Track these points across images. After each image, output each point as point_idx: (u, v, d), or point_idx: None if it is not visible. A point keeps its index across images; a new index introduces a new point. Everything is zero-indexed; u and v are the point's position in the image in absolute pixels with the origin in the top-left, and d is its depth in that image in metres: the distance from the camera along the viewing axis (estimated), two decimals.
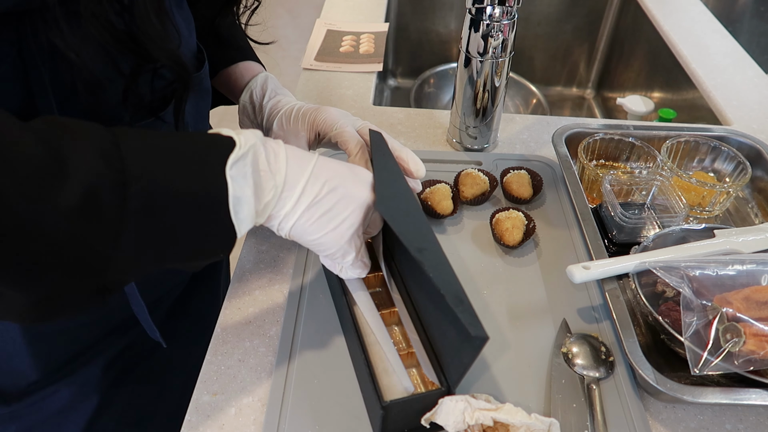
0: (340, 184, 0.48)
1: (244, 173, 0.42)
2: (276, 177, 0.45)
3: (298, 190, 0.46)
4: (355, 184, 0.49)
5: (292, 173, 0.46)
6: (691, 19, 1.21)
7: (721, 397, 0.51)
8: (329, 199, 0.47)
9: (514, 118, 0.91)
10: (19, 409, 0.61)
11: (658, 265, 0.57)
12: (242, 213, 0.43)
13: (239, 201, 0.42)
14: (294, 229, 0.47)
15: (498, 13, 0.70)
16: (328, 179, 0.47)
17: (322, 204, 0.47)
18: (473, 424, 0.46)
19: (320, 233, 0.48)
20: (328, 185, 0.47)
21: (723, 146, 0.78)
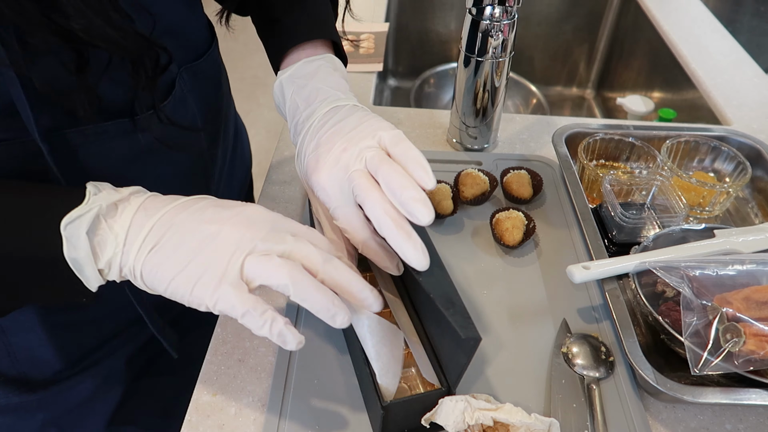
0: (198, 226, 0.42)
1: (77, 235, 0.40)
2: (118, 232, 0.41)
3: (141, 236, 0.41)
4: (224, 224, 0.42)
5: (138, 223, 0.42)
6: (691, 19, 1.21)
7: (721, 397, 0.51)
8: (178, 240, 0.41)
9: (514, 118, 0.91)
10: (45, 398, 0.62)
11: (658, 265, 0.57)
12: (85, 272, 0.41)
13: (77, 262, 0.41)
14: (145, 278, 0.42)
15: (498, 13, 0.70)
16: (183, 221, 0.42)
17: (166, 246, 0.41)
18: (473, 424, 0.47)
19: (167, 280, 0.41)
20: (180, 228, 0.42)
21: (723, 146, 0.78)
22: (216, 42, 0.64)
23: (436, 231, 0.70)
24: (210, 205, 0.43)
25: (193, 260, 0.41)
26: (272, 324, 0.41)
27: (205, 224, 0.42)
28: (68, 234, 0.40)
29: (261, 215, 0.43)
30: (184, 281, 0.41)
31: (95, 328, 0.63)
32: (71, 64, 0.43)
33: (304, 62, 0.58)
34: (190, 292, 0.41)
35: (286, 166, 0.79)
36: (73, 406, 0.64)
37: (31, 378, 0.60)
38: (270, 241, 0.42)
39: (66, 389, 0.62)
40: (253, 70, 2.80)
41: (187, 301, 0.42)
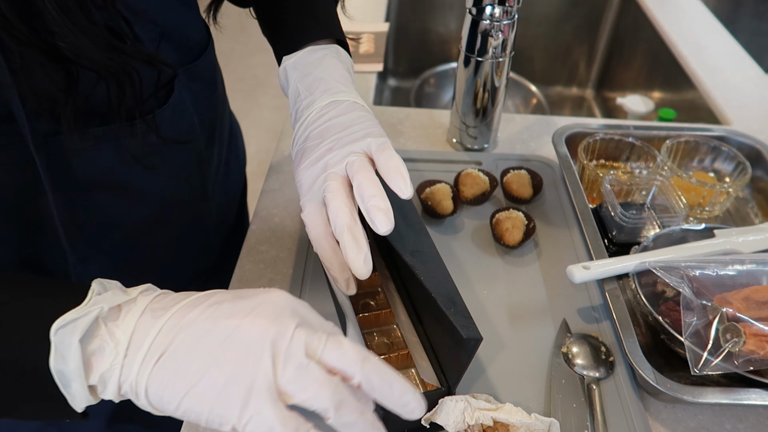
0: (214, 323, 0.35)
1: (68, 342, 0.33)
2: (119, 339, 0.35)
3: (146, 344, 0.34)
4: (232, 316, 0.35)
5: (143, 327, 0.35)
6: (691, 19, 1.21)
7: (721, 397, 0.51)
8: (189, 345, 0.34)
9: (514, 118, 0.91)
10: None
11: (658, 265, 0.57)
12: (72, 388, 0.34)
13: (63, 375, 0.34)
14: (150, 396, 0.35)
15: (498, 13, 0.70)
16: (194, 320, 0.35)
17: (176, 353, 0.34)
18: (473, 424, 0.47)
19: (178, 396, 0.34)
20: (192, 329, 0.35)
21: (723, 146, 0.78)
22: (212, 42, 0.64)
23: (437, 231, 0.70)
24: (226, 299, 0.37)
25: (210, 368, 0.34)
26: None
27: (222, 320, 0.35)
28: (57, 340, 0.33)
29: (285, 302, 0.37)
30: (201, 397, 0.33)
31: None
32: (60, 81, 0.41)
33: (309, 50, 0.58)
34: (209, 409, 0.33)
35: (286, 166, 0.79)
36: None
37: None
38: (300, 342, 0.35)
39: None
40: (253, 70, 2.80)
41: (204, 421, 0.34)
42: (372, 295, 0.61)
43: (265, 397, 0.33)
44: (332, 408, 0.34)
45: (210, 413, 0.33)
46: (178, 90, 0.57)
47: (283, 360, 0.34)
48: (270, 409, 0.33)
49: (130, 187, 0.56)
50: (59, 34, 0.38)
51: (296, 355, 0.34)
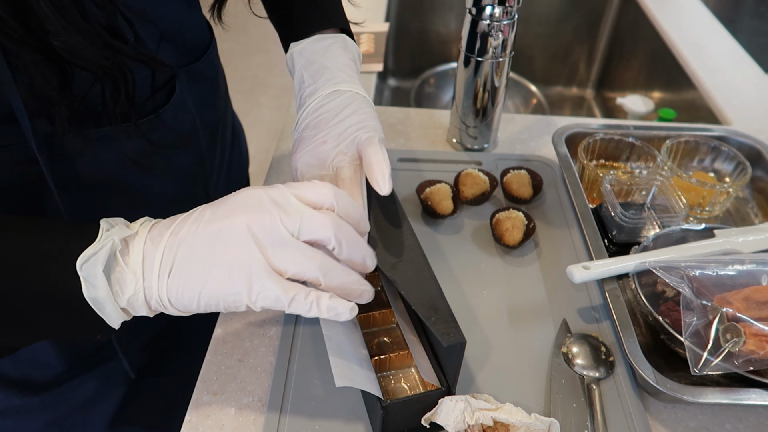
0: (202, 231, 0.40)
1: (94, 274, 0.39)
2: (135, 269, 0.40)
3: (156, 266, 0.40)
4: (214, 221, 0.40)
5: (149, 254, 0.40)
6: (691, 19, 1.21)
7: (721, 397, 0.51)
8: (186, 256, 0.40)
9: (514, 118, 0.91)
10: (47, 399, 0.62)
11: (658, 265, 0.57)
12: (106, 310, 0.40)
13: (96, 301, 0.39)
14: (176, 306, 0.41)
15: (498, 13, 0.70)
16: (186, 235, 0.40)
17: (182, 266, 0.40)
18: (473, 424, 0.47)
19: (196, 297, 0.40)
20: (187, 242, 0.40)
21: (723, 146, 0.78)
22: (214, 42, 0.64)
23: (436, 231, 0.70)
24: (206, 209, 0.42)
25: (211, 269, 0.39)
26: (319, 303, 0.40)
27: (208, 227, 0.40)
28: (85, 273, 0.38)
29: (256, 195, 0.41)
30: (212, 292, 0.40)
31: None
32: (54, 81, 0.42)
33: (316, 38, 0.59)
34: (223, 298, 0.40)
35: (286, 167, 0.79)
36: (76, 407, 0.64)
37: (34, 380, 0.60)
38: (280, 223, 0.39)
39: (68, 390, 0.62)
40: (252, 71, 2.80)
41: (224, 307, 0.40)
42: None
43: (264, 276, 0.39)
44: (321, 275, 0.40)
45: (225, 301, 0.40)
46: (180, 90, 0.57)
47: (269, 243, 0.39)
48: (270, 283, 0.39)
49: (132, 187, 0.56)
50: (53, 33, 0.38)
51: (279, 238, 0.39)
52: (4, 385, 0.59)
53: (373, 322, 0.57)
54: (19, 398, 0.60)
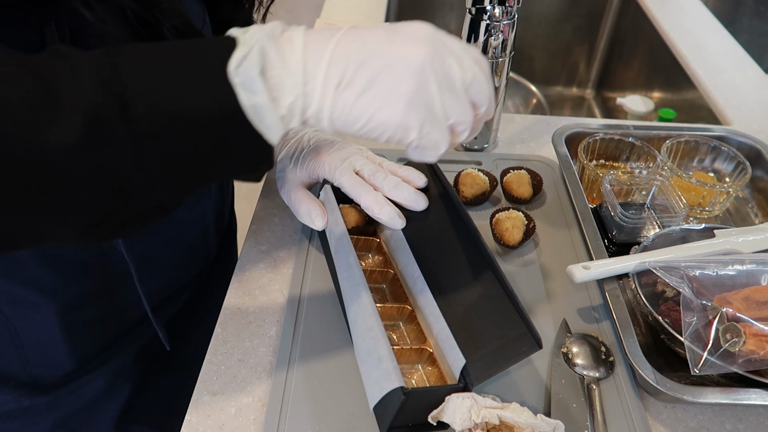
0: (371, 53, 0.39)
1: (251, 77, 0.36)
2: (294, 71, 0.37)
3: (321, 77, 0.38)
4: (394, 44, 0.39)
5: (312, 60, 0.38)
6: (691, 19, 1.21)
7: (721, 397, 0.51)
8: (362, 74, 0.38)
9: (514, 118, 0.91)
10: (56, 399, 0.62)
11: (658, 265, 0.57)
12: (266, 120, 0.37)
13: (256, 109, 0.36)
14: (334, 122, 0.39)
15: (498, 13, 0.70)
16: (355, 51, 0.38)
17: (355, 82, 0.38)
18: (479, 422, 0.46)
19: (365, 118, 0.39)
20: (356, 58, 0.38)
21: (723, 146, 0.78)
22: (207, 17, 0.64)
23: None
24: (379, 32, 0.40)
25: (389, 93, 0.38)
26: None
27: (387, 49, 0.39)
28: (240, 79, 0.36)
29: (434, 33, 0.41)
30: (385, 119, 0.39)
31: (105, 327, 0.63)
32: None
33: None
34: (392, 130, 0.39)
35: None
36: (83, 406, 0.64)
37: (42, 380, 0.61)
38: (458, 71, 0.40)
39: (76, 389, 0.63)
40: None
41: (385, 138, 0.40)
42: (378, 290, 0.61)
43: (438, 123, 0.40)
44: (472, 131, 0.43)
45: (393, 133, 0.40)
46: None
47: (445, 87, 0.40)
48: (437, 127, 0.40)
49: None
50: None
51: (452, 84, 0.40)
52: (12, 386, 0.59)
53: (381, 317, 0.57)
54: (27, 399, 0.60)
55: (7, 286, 0.54)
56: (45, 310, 0.57)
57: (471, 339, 0.50)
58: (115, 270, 0.59)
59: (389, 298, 0.60)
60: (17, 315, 0.56)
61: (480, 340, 0.50)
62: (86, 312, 0.60)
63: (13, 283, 0.54)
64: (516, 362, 0.47)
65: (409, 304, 0.57)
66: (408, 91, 0.38)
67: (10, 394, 0.59)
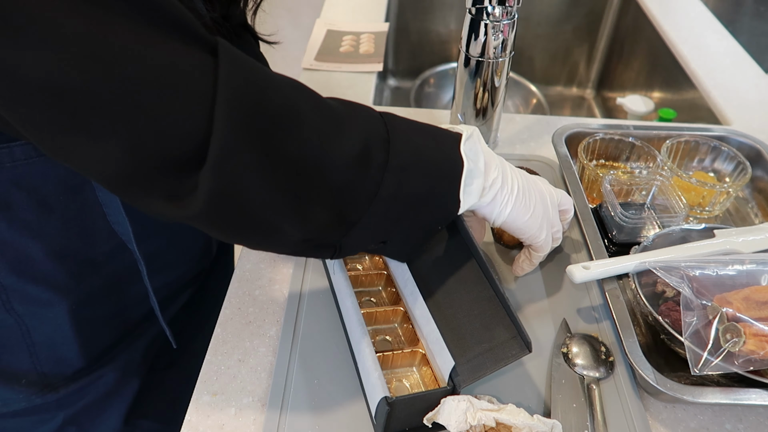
0: (524, 176, 0.55)
1: (475, 150, 0.49)
2: (494, 160, 0.51)
3: (509, 176, 0.52)
4: (531, 178, 0.56)
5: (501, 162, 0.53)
6: (691, 19, 1.21)
7: (721, 397, 0.51)
8: (527, 189, 0.54)
9: (514, 118, 0.91)
10: (66, 396, 0.62)
11: (658, 265, 0.57)
12: (472, 186, 0.49)
13: (471, 173, 0.48)
14: (513, 212, 0.53)
15: (498, 13, 0.70)
16: (527, 182, 0.54)
17: (525, 193, 0.53)
18: (475, 424, 0.46)
19: (526, 217, 0.54)
20: (519, 176, 0.54)
21: (723, 146, 0.78)
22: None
23: None
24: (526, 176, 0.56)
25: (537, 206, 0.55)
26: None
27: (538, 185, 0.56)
28: (467, 149, 0.48)
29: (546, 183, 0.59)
30: (532, 222, 0.55)
31: (114, 324, 0.64)
32: None
33: None
34: (535, 229, 0.55)
35: None
36: (92, 402, 0.64)
37: (52, 378, 0.61)
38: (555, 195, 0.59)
39: (85, 386, 0.63)
40: None
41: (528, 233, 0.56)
42: (374, 294, 0.61)
43: (550, 230, 0.58)
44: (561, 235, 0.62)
45: (534, 231, 0.56)
46: None
47: (553, 205, 0.58)
48: (547, 234, 0.58)
49: None
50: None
51: (555, 204, 0.59)
52: (23, 384, 0.60)
53: (375, 320, 0.57)
54: (38, 397, 0.61)
55: (20, 284, 0.54)
56: (57, 308, 0.57)
57: (461, 341, 0.50)
58: (125, 266, 0.60)
59: (385, 300, 0.60)
60: (29, 313, 0.56)
61: (470, 342, 0.50)
62: (97, 309, 0.60)
63: (26, 281, 0.54)
64: (505, 365, 0.47)
65: (402, 305, 0.58)
66: (541, 205, 0.56)
67: (21, 393, 0.60)
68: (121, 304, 0.63)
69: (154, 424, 0.72)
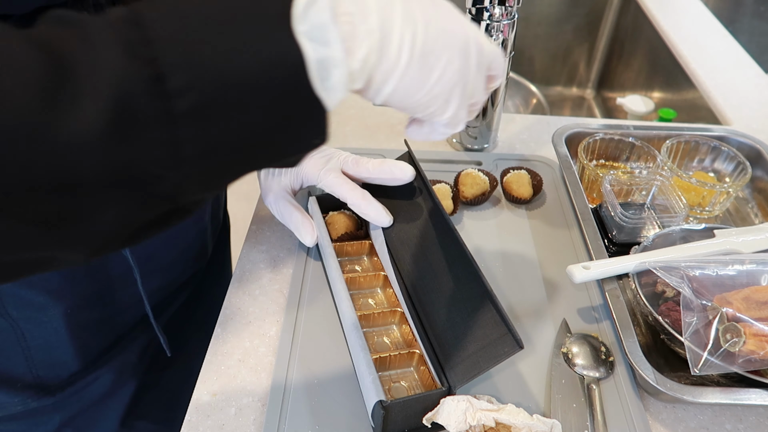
0: (431, 18, 0.35)
1: (321, 24, 0.30)
2: (368, 19, 0.32)
3: (396, 34, 0.33)
4: (444, 16, 0.36)
5: (384, 13, 0.33)
6: (691, 19, 1.21)
7: (721, 397, 0.51)
8: (428, 41, 0.35)
9: (514, 118, 0.91)
10: (62, 399, 0.62)
11: (658, 265, 0.57)
12: (331, 79, 0.31)
13: (324, 64, 0.30)
14: (396, 92, 0.35)
15: (498, 13, 0.70)
16: (419, 15, 0.35)
17: (424, 49, 0.35)
18: (475, 424, 0.46)
19: (425, 89, 0.36)
20: (422, 21, 0.35)
21: (723, 146, 0.78)
22: None
23: None
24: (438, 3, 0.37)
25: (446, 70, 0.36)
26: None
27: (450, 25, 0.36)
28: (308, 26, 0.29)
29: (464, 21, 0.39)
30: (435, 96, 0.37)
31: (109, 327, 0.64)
32: None
33: None
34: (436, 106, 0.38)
35: None
36: (88, 405, 0.65)
37: (48, 382, 0.61)
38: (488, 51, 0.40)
39: (81, 389, 0.63)
40: None
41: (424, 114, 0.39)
42: (372, 295, 0.61)
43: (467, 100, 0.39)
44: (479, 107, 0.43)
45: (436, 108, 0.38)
46: None
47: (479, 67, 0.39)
48: (465, 110, 0.40)
49: None
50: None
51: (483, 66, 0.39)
52: (19, 388, 0.59)
53: (373, 322, 0.57)
54: (34, 400, 0.60)
55: (15, 288, 0.54)
56: (52, 312, 0.57)
57: (454, 341, 0.51)
58: (119, 270, 0.60)
59: (383, 302, 0.60)
60: (25, 317, 0.56)
61: (462, 341, 0.50)
62: (91, 312, 0.60)
63: (20, 286, 0.54)
64: (498, 363, 0.47)
65: (400, 307, 0.58)
66: (457, 67, 0.36)
67: (17, 396, 0.60)
68: (115, 307, 0.63)
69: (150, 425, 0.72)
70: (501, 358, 0.46)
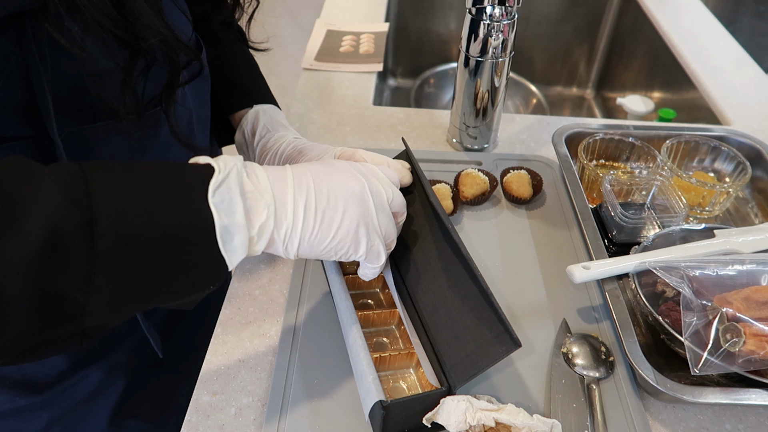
0: (322, 182, 0.44)
1: (230, 198, 0.39)
2: (265, 195, 0.41)
3: (290, 203, 0.42)
4: (336, 176, 0.45)
5: (278, 189, 0.42)
6: (691, 19, 1.21)
7: (721, 397, 0.51)
8: (320, 200, 0.43)
9: (514, 118, 0.91)
10: (51, 397, 0.62)
11: (658, 265, 0.57)
12: (233, 242, 0.39)
13: (228, 230, 0.38)
14: (302, 246, 0.44)
15: (498, 13, 0.70)
16: (310, 182, 0.44)
17: (318, 206, 0.43)
18: (475, 424, 0.46)
19: (328, 239, 0.44)
20: (313, 187, 0.44)
21: (723, 146, 0.78)
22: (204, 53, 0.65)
23: None
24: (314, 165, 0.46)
25: (344, 218, 0.44)
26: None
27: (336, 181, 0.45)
28: (218, 200, 0.38)
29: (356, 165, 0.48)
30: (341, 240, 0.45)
31: None
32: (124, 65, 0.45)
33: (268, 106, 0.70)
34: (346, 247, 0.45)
35: None
36: (77, 403, 0.65)
37: (36, 380, 0.61)
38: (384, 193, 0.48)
39: (70, 387, 0.63)
40: None
41: (339, 256, 0.46)
42: (371, 295, 0.61)
43: (377, 234, 0.47)
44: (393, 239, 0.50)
45: (347, 250, 0.46)
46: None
47: (379, 208, 0.47)
48: (379, 241, 0.47)
49: None
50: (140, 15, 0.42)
51: (384, 206, 0.48)
52: (7, 386, 0.60)
53: (372, 322, 0.57)
54: (22, 398, 0.61)
55: None
56: None
57: (453, 340, 0.51)
58: None
59: (383, 303, 0.60)
60: None
61: (460, 341, 0.50)
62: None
63: None
64: (495, 362, 0.47)
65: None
66: (356, 214, 0.45)
67: (5, 394, 0.60)
68: None
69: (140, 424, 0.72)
70: (499, 357, 0.46)
